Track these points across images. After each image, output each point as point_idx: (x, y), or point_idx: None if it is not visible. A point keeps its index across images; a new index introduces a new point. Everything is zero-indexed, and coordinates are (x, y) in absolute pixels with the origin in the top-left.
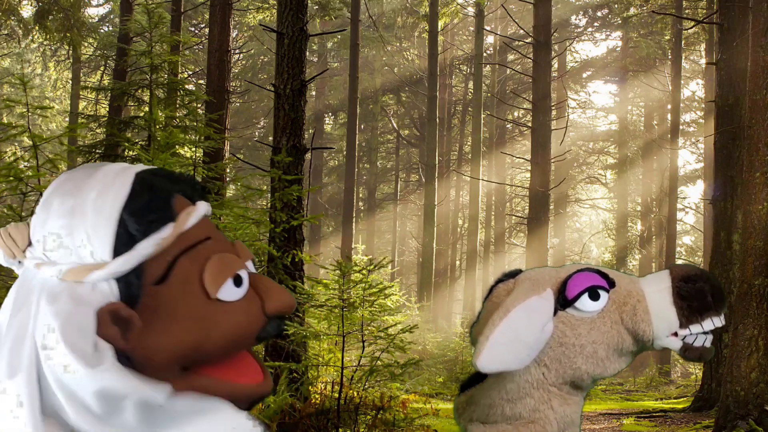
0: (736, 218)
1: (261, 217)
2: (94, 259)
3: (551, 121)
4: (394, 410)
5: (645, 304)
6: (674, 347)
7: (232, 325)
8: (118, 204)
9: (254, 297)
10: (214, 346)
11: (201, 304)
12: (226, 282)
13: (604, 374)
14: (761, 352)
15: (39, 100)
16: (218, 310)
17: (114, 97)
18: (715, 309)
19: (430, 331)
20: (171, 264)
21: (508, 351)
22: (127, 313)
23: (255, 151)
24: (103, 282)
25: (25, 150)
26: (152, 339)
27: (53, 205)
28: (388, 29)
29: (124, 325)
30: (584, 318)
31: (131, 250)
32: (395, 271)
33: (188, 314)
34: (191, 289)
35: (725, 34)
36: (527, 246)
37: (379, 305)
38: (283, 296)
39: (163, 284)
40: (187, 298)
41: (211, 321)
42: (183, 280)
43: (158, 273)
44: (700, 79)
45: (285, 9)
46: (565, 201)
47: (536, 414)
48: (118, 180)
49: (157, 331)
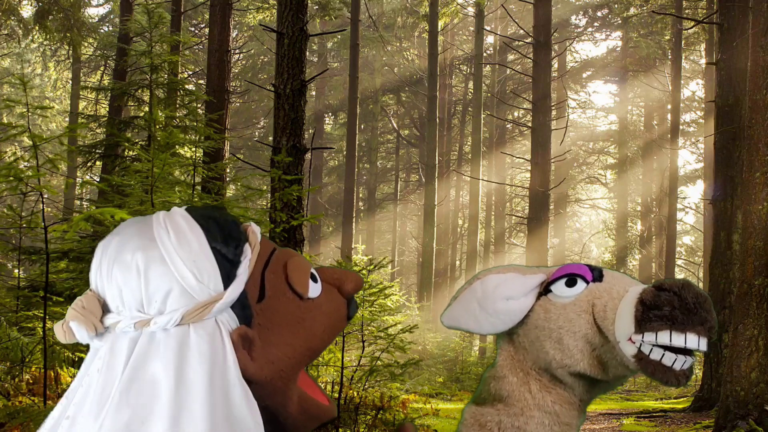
0: (736, 218)
1: (261, 217)
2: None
3: (551, 121)
4: (394, 410)
5: (616, 303)
6: (628, 353)
7: (327, 316)
8: (204, 239)
9: (329, 287)
10: (321, 340)
11: (298, 307)
12: (309, 281)
13: (573, 365)
14: (761, 352)
15: (39, 100)
16: (311, 307)
17: (114, 97)
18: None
19: (430, 331)
20: (261, 281)
21: (465, 311)
22: (251, 334)
23: (255, 151)
24: (223, 313)
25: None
26: (273, 352)
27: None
28: (388, 29)
29: (249, 346)
30: (557, 303)
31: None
32: (395, 271)
33: (291, 319)
34: (286, 297)
35: (725, 34)
36: (527, 246)
37: (379, 305)
38: (353, 276)
39: (264, 300)
40: (287, 306)
41: (310, 319)
42: (277, 292)
43: (256, 292)
44: (700, 79)
45: (285, 9)
46: (565, 201)
47: (515, 396)
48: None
49: (274, 344)
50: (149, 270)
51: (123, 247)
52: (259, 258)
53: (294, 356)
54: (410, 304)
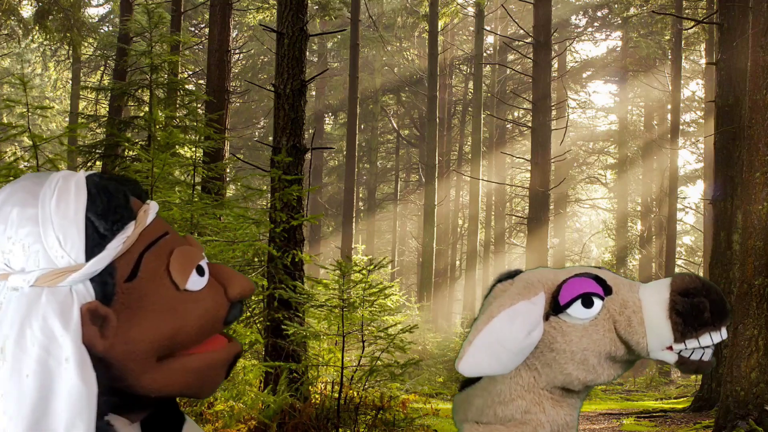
0: (736, 218)
1: (261, 217)
2: (68, 262)
3: (551, 121)
4: (394, 410)
5: (641, 316)
6: (669, 361)
7: (201, 312)
8: (82, 207)
9: (216, 285)
10: (188, 334)
11: (172, 296)
12: (192, 273)
13: (597, 381)
14: (761, 352)
15: (39, 100)
16: (188, 299)
17: (114, 97)
18: (713, 325)
19: (430, 331)
20: (137, 261)
21: (489, 356)
22: (104, 311)
23: (255, 151)
24: (79, 283)
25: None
26: (130, 333)
27: (12, 214)
28: (388, 29)
29: (101, 323)
30: (576, 325)
31: (104, 250)
32: (395, 271)
33: (161, 307)
34: (161, 283)
35: (725, 34)
36: (527, 246)
37: (379, 305)
38: (243, 281)
39: (133, 281)
40: (159, 291)
41: (182, 311)
42: (152, 275)
43: (127, 270)
44: (700, 79)
45: (285, 9)
46: (565, 201)
47: (528, 416)
48: (72, 185)
49: (133, 325)
50: (20, 227)
51: (7, 199)
52: (142, 238)
53: (155, 342)
54: (410, 304)
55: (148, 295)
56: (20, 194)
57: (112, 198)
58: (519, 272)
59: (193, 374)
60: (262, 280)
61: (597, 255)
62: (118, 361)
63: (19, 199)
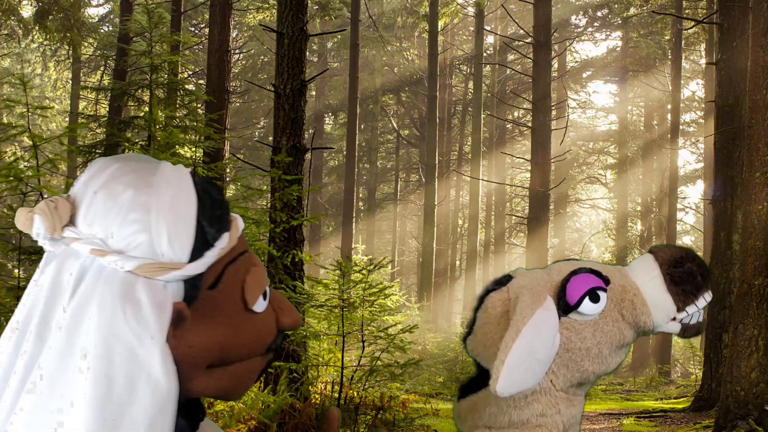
0: (736, 218)
1: (261, 217)
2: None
3: (551, 121)
4: (394, 410)
5: (642, 297)
6: (674, 331)
7: (256, 334)
8: (194, 208)
9: (271, 311)
10: (239, 352)
11: (239, 313)
12: (260, 296)
13: (608, 370)
14: (761, 352)
15: (39, 100)
16: (250, 319)
17: (114, 97)
18: (705, 285)
19: (430, 331)
20: (221, 271)
21: (525, 372)
22: (187, 314)
23: (255, 151)
24: (174, 282)
25: (25, 150)
26: (194, 338)
27: (123, 195)
28: (388, 29)
29: (178, 323)
30: (587, 321)
31: (205, 255)
32: (395, 271)
33: (228, 320)
34: (234, 298)
35: (725, 34)
36: (527, 246)
37: (379, 305)
38: (295, 313)
39: (214, 290)
40: (230, 305)
41: (242, 329)
42: (228, 289)
43: (211, 279)
44: (700, 79)
45: (285, 9)
46: (565, 201)
47: (543, 419)
48: (183, 183)
49: (200, 332)
50: (132, 211)
51: (119, 177)
52: (231, 251)
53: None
54: (410, 304)
55: (221, 306)
56: (132, 176)
57: (218, 206)
58: (508, 278)
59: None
60: None
61: (597, 255)
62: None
63: (132, 182)
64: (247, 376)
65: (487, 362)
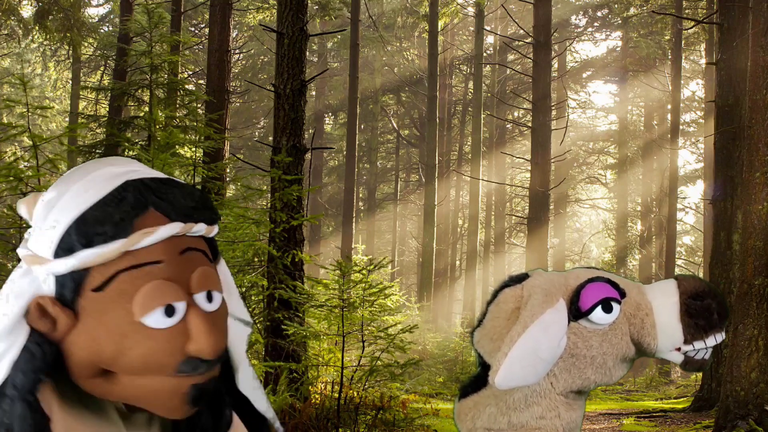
0: (736, 218)
1: (261, 217)
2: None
3: (551, 121)
4: (394, 410)
5: (653, 318)
6: (675, 360)
7: (148, 350)
8: (82, 206)
9: (182, 332)
10: (129, 364)
11: (126, 322)
12: (155, 310)
13: (609, 382)
14: (761, 352)
15: (39, 100)
16: (141, 331)
17: (114, 97)
18: (720, 326)
19: (430, 331)
20: (111, 277)
21: (526, 367)
22: (53, 311)
23: (255, 151)
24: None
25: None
26: (79, 337)
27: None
28: (388, 29)
29: (51, 321)
30: (596, 330)
31: (70, 256)
32: (395, 271)
33: (113, 327)
34: (121, 305)
35: (725, 34)
36: (527, 246)
37: (379, 305)
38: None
39: (99, 293)
40: (116, 312)
41: (131, 340)
42: (117, 294)
43: (98, 282)
44: (700, 79)
45: (285, 9)
46: (565, 201)
47: (542, 422)
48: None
49: (84, 332)
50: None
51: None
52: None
53: (93, 354)
54: (410, 304)
55: (107, 312)
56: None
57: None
58: (525, 276)
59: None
60: (262, 280)
61: (597, 255)
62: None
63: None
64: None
65: (490, 355)
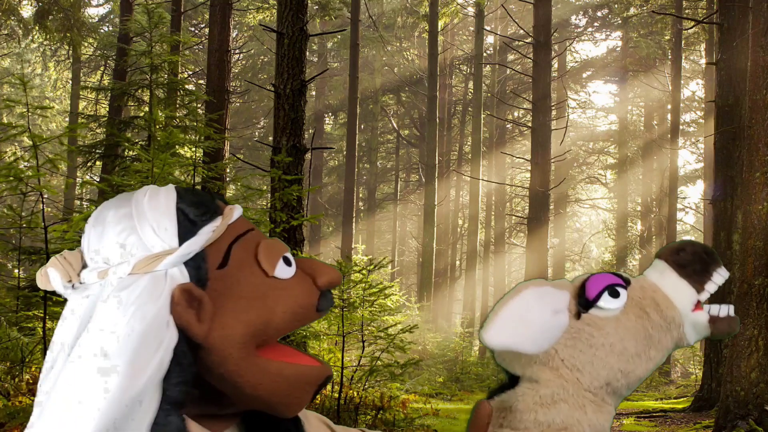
0: (736, 218)
1: (261, 217)
2: (162, 248)
3: (551, 121)
4: (394, 410)
5: (661, 292)
6: (702, 320)
7: (292, 299)
8: (172, 200)
9: (304, 276)
10: (282, 320)
11: (261, 282)
12: (279, 261)
13: (637, 371)
14: (761, 352)
15: (39, 100)
16: (277, 286)
17: (114, 97)
18: (714, 262)
19: (430, 331)
20: (227, 251)
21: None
22: (198, 293)
23: (255, 151)
24: (174, 267)
25: (25, 150)
26: (225, 318)
27: (107, 217)
28: (388, 29)
29: (197, 306)
30: (608, 316)
31: (196, 235)
32: (395, 271)
33: (252, 293)
34: (251, 271)
35: (725, 34)
36: (527, 246)
37: (379, 305)
38: (332, 271)
39: (224, 268)
40: (249, 279)
41: (273, 297)
42: (241, 263)
43: (219, 258)
44: (700, 79)
45: (285, 9)
46: (565, 201)
47: (569, 420)
48: (162, 189)
49: (228, 311)
50: (116, 224)
51: (104, 208)
52: (230, 231)
53: (249, 326)
54: (410, 304)
55: (239, 282)
56: (114, 201)
57: (199, 195)
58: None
59: (285, 381)
60: None
61: (597, 255)
62: (217, 347)
63: (113, 203)
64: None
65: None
